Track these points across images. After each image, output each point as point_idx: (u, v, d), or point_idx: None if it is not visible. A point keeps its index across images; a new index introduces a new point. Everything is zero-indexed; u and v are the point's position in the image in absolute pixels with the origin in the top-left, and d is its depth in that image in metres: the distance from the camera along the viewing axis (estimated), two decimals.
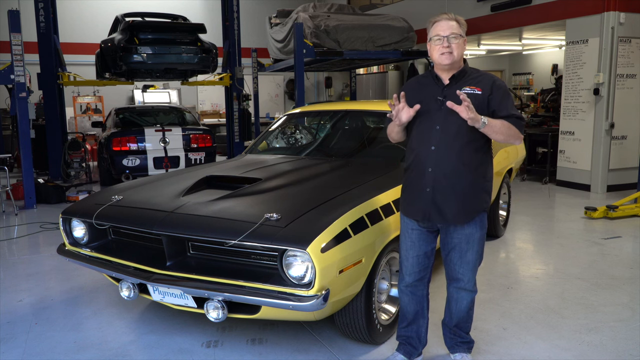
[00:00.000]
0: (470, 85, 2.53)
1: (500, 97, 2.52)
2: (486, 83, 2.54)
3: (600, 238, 5.37)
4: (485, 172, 2.64)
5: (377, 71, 14.52)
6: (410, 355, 2.84)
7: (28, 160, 7.14)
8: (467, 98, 2.36)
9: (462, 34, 2.53)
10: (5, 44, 7.83)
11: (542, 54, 13.10)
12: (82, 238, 3.36)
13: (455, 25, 2.52)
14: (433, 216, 2.59)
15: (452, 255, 2.69)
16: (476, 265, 2.72)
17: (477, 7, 9.50)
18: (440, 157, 2.53)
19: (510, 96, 2.58)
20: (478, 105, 2.48)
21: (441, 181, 2.54)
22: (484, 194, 2.63)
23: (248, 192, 3.17)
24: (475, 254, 2.68)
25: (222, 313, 2.67)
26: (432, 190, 2.57)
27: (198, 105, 15.36)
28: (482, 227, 2.67)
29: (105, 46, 8.52)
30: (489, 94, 2.51)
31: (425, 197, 2.59)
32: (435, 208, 2.57)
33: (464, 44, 2.55)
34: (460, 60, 2.55)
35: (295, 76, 8.54)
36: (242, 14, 10.39)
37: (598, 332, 3.27)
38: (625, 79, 7.53)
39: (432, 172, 2.55)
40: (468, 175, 2.55)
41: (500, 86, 2.55)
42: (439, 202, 2.56)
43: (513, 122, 2.51)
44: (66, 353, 3.10)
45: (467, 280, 2.71)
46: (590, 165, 7.71)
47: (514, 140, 2.55)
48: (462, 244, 2.64)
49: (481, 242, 2.69)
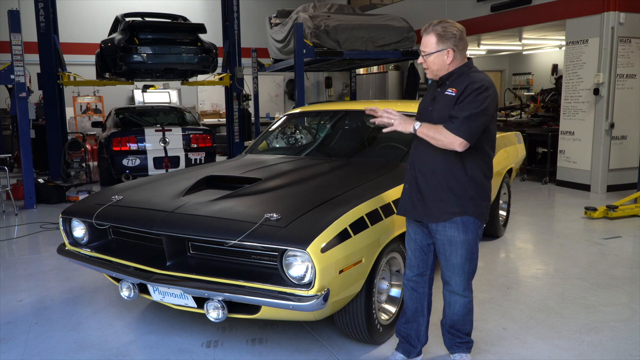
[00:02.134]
0: (451, 87, 2.57)
1: (464, 96, 2.48)
2: (463, 84, 2.52)
3: (600, 238, 5.37)
4: (464, 175, 2.56)
5: (377, 71, 14.53)
6: (409, 354, 2.84)
7: (28, 160, 7.14)
8: (375, 111, 2.57)
9: (441, 48, 2.52)
10: (5, 44, 7.84)
11: (542, 54, 13.10)
12: (82, 238, 3.36)
13: (432, 41, 2.54)
14: (409, 210, 2.71)
15: (440, 257, 2.73)
16: (464, 270, 2.67)
17: (477, 7, 9.50)
18: (418, 156, 2.67)
19: (477, 99, 2.44)
20: (450, 106, 2.52)
21: (417, 178, 2.66)
22: (465, 198, 2.56)
23: (248, 192, 3.17)
24: (461, 258, 2.64)
25: (222, 313, 2.67)
26: (409, 186, 2.70)
27: (198, 105, 15.36)
28: (466, 231, 2.60)
29: (105, 46, 8.52)
30: (460, 94, 2.50)
31: (405, 192, 2.75)
32: (410, 203, 2.69)
33: (446, 55, 2.53)
34: (443, 69, 2.57)
35: (295, 76, 8.54)
36: (242, 14, 10.39)
37: (598, 332, 3.27)
38: (625, 79, 7.53)
39: (410, 169, 2.70)
40: (440, 176, 2.58)
41: (471, 87, 2.47)
42: (414, 198, 2.68)
43: (448, 123, 2.44)
44: (66, 353, 3.10)
45: (454, 284, 2.72)
46: (590, 165, 7.71)
47: (445, 145, 2.45)
48: (445, 245, 2.65)
49: (466, 246, 2.62)
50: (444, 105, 2.55)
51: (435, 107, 2.60)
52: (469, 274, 2.71)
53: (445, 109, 2.53)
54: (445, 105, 2.54)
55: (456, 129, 2.42)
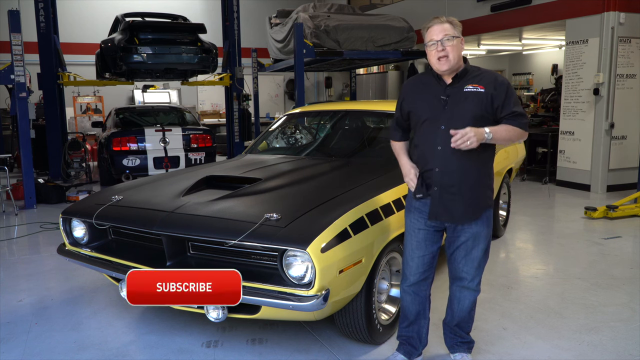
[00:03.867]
0: (472, 83, 2.53)
1: (503, 94, 2.51)
2: (489, 80, 2.53)
3: (600, 238, 5.37)
4: (490, 169, 2.66)
5: (377, 71, 14.53)
6: (410, 355, 2.84)
7: (28, 160, 7.14)
8: (456, 132, 2.39)
9: (457, 35, 2.51)
10: (5, 44, 7.83)
11: (542, 54, 13.10)
12: (82, 238, 3.36)
13: (448, 27, 2.50)
14: (441, 215, 2.59)
15: (457, 253, 2.69)
16: (481, 263, 2.71)
17: (477, 7, 9.50)
18: (447, 157, 2.52)
19: (514, 92, 2.56)
20: (482, 103, 2.50)
21: (448, 180, 2.54)
22: (488, 191, 2.65)
23: (248, 192, 3.17)
24: (481, 252, 2.68)
25: (222, 313, 2.67)
26: (439, 189, 2.57)
27: (198, 105, 15.36)
28: (489, 225, 2.67)
29: (105, 46, 8.52)
30: (492, 92, 2.51)
31: (433, 197, 2.59)
32: (443, 207, 2.58)
33: (461, 44, 2.53)
34: (459, 62, 2.53)
35: (295, 76, 8.54)
36: (242, 14, 10.39)
37: (598, 332, 3.27)
38: (625, 79, 7.53)
39: (439, 172, 2.55)
40: (475, 173, 2.56)
41: (502, 82, 2.55)
42: (446, 201, 2.57)
43: (516, 122, 2.50)
44: (66, 353, 3.10)
45: (470, 279, 2.71)
46: (590, 165, 7.71)
47: (519, 140, 2.63)
48: (468, 242, 2.64)
49: (487, 239, 2.69)
50: (473, 101, 2.49)
51: (456, 104, 2.51)
52: (483, 268, 2.74)
53: (475, 106, 2.49)
54: (474, 102, 2.49)
55: (524, 125, 2.52)
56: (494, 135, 2.44)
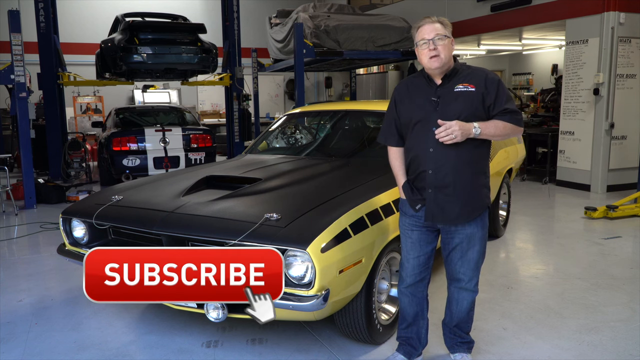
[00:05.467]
0: (462, 82, 2.53)
1: (494, 92, 2.50)
2: (479, 79, 2.53)
3: (600, 238, 5.37)
4: (485, 167, 2.65)
5: (377, 71, 14.53)
6: (410, 356, 2.84)
7: (28, 160, 7.13)
8: (444, 123, 2.41)
9: (448, 35, 2.51)
10: (5, 44, 7.83)
11: (542, 54, 13.09)
12: (82, 238, 3.36)
13: (439, 26, 2.51)
14: (437, 216, 2.59)
15: (453, 255, 2.69)
16: (478, 264, 2.71)
17: (477, 7, 9.50)
18: (440, 158, 2.52)
19: (505, 89, 2.55)
20: (473, 102, 2.49)
21: (443, 181, 2.53)
22: (484, 189, 2.64)
23: (248, 192, 3.17)
24: (477, 253, 2.68)
25: (222, 313, 2.67)
26: (434, 191, 2.56)
27: (198, 105, 15.36)
28: (484, 226, 2.67)
29: (105, 46, 8.52)
30: (483, 90, 2.50)
31: (428, 198, 2.59)
32: (438, 208, 2.57)
33: (451, 44, 2.53)
34: (449, 60, 2.53)
35: (295, 76, 8.54)
36: (242, 14, 10.38)
37: (598, 332, 3.27)
38: (625, 79, 7.53)
39: (432, 173, 2.55)
40: (469, 173, 2.55)
41: (493, 80, 2.53)
42: (442, 202, 2.56)
43: (508, 118, 2.49)
44: (66, 353, 3.10)
45: (467, 280, 2.71)
46: (590, 165, 7.71)
47: (514, 135, 2.61)
48: (463, 243, 2.64)
49: (483, 241, 2.69)
50: (464, 101, 2.49)
51: (447, 105, 2.51)
52: (480, 268, 2.74)
53: (466, 105, 2.48)
54: (465, 102, 2.49)
55: (518, 120, 2.52)
56: (483, 130, 2.44)
